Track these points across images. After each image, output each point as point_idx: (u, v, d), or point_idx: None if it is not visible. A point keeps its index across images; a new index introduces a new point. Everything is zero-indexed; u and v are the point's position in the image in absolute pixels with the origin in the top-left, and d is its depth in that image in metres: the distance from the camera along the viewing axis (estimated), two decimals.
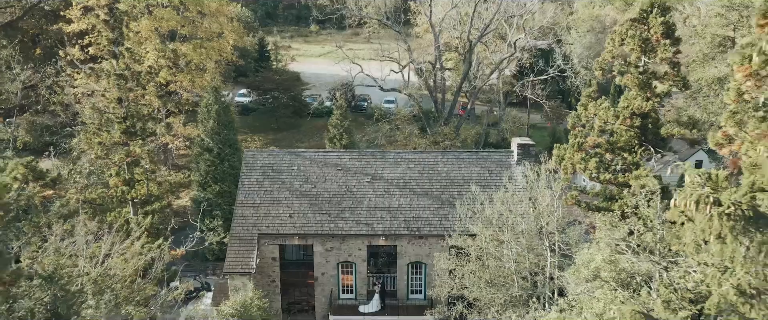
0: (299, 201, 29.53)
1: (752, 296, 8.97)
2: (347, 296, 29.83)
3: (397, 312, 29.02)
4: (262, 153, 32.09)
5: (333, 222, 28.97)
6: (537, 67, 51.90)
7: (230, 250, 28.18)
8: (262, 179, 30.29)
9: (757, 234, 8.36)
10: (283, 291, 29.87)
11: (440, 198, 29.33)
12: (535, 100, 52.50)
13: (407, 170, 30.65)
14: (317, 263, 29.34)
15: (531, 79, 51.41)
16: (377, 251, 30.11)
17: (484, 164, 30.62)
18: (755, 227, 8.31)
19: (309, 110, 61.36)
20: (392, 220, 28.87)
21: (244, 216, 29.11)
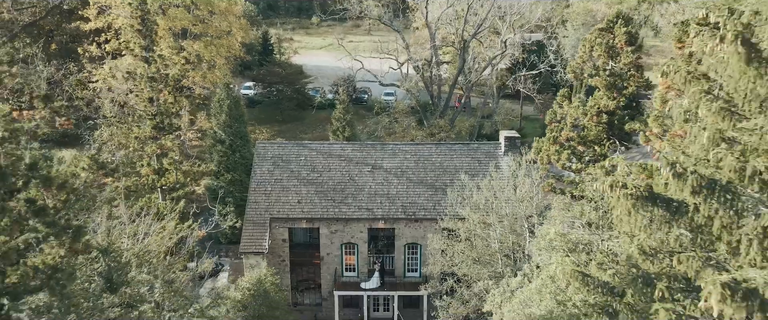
0: (306, 189, 32.66)
1: (650, 255, 12.08)
2: (350, 274, 33.05)
3: (395, 288, 32.25)
4: (272, 144, 35.22)
5: (337, 208, 32.12)
6: (529, 61, 54.73)
7: (245, 232, 31.35)
8: (272, 168, 33.39)
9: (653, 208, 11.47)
10: (293, 270, 33.10)
11: (434, 186, 32.44)
12: (527, 93, 55.41)
13: (404, 160, 33.75)
14: (323, 244, 32.54)
15: (523, 73, 54.26)
16: (377, 233, 33.26)
17: (474, 155, 33.72)
18: (651, 204, 11.42)
19: (313, 103, 64.21)
20: (390, 206, 32.02)
21: (257, 202, 32.25)
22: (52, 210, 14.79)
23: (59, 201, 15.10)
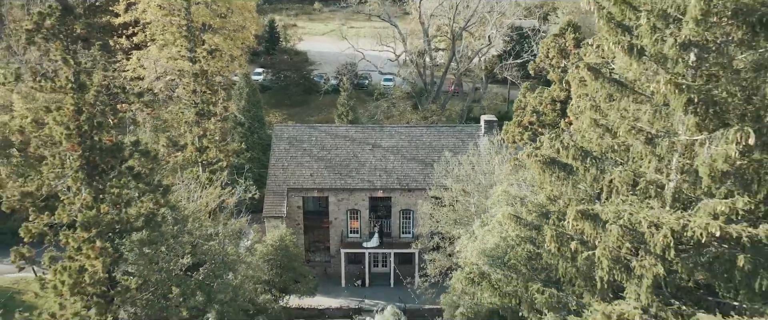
0: (317, 164, 38.93)
1: (553, 200, 18.28)
2: (354, 235, 39.47)
3: (392, 246, 38.69)
4: (287, 127, 41.44)
5: (343, 180, 38.42)
6: (514, 51, 60.59)
7: (266, 200, 37.68)
8: (288, 147, 39.62)
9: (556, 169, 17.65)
10: (306, 232, 39.49)
11: (424, 161, 38.66)
12: (512, 80, 61.34)
13: (399, 140, 39.97)
14: (331, 210, 38.89)
15: (509, 61, 60.15)
16: (376, 201, 39.51)
17: (458, 135, 39.91)
18: (553, 166, 17.59)
19: (318, 89, 69.97)
20: (388, 178, 38.32)
21: (276, 175, 38.54)
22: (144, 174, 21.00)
23: (147, 168, 21.30)
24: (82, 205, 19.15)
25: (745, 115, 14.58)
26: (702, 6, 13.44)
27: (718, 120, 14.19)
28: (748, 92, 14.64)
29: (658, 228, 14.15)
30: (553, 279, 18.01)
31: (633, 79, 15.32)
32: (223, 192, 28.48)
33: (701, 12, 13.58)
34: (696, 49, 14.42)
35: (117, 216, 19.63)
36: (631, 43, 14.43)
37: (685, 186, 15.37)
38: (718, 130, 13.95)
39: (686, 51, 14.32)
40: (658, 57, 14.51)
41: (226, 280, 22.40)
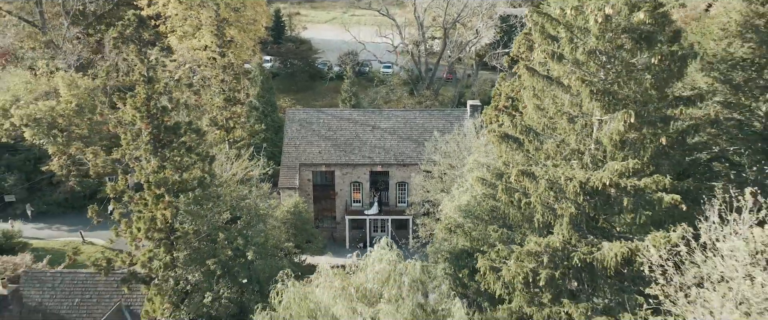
0: (325, 143, 44.99)
1: (507, 165, 24.39)
2: (356, 204, 45.67)
3: (389, 214, 44.89)
4: (298, 111, 47.45)
5: (347, 156, 44.51)
6: (503, 41, 66.28)
7: (281, 174, 43.81)
8: (299, 128, 45.66)
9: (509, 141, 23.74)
10: (315, 202, 45.67)
11: (417, 141, 44.67)
12: (500, 68, 67.09)
13: (396, 122, 45.99)
14: (337, 183, 45.05)
15: (498, 51, 65.86)
16: (376, 175, 45.64)
17: (446, 118, 45.90)
18: (507, 139, 23.66)
19: (323, 75, 75.74)
20: (386, 155, 44.41)
21: (289, 153, 44.64)
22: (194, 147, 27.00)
23: (196, 143, 27.32)
24: (152, 170, 25.22)
25: (635, 101, 20.62)
26: (599, 26, 19.44)
27: (614, 105, 20.23)
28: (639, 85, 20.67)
29: (571, 181, 20.26)
30: (507, 224, 24.18)
31: (558, 76, 21.32)
32: (250, 164, 34.54)
33: (599, 30, 19.58)
34: (603, 56, 20.43)
35: (177, 179, 25.69)
36: (553, 50, 20.45)
37: (597, 153, 21.46)
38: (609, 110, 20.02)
39: (593, 56, 20.34)
40: (573, 60, 20.52)
41: (259, 228, 28.56)
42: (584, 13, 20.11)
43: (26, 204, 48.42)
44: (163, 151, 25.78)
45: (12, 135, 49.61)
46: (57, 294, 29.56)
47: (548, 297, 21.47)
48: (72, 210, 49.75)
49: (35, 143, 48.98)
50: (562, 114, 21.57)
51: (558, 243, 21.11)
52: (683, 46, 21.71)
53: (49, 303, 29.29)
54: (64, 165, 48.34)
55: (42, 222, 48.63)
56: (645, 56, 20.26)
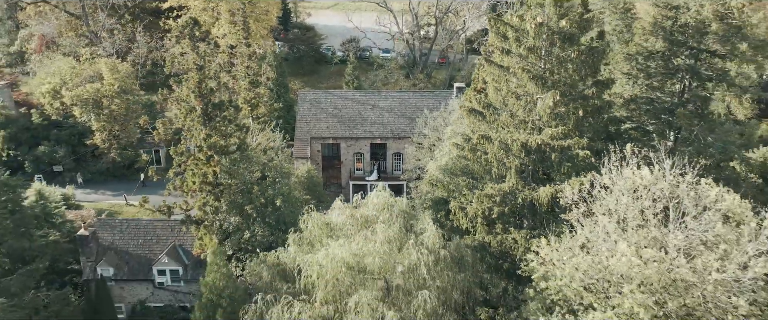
0: (331, 119, 52.64)
1: (473, 132, 32.04)
2: (359, 172, 53.49)
3: (387, 179, 52.66)
4: (309, 92, 55.06)
5: (350, 131, 52.17)
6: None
7: (295, 146, 51.52)
8: (310, 107, 53.28)
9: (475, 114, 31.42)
10: (324, 169, 53.45)
11: (411, 117, 52.28)
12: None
13: (393, 102, 53.57)
14: (342, 154, 52.78)
15: (486, 37, 73.12)
16: (375, 147, 53.35)
17: (436, 98, 53.50)
18: (473, 112, 31.32)
19: (328, 60, 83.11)
20: (383, 129, 52.08)
21: (302, 128, 52.31)
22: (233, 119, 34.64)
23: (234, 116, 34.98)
24: (202, 137, 32.91)
25: (564, 84, 28.26)
26: (534, 30, 27.04)
27: (546, 87, 27.88)
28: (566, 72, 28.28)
29: (515, 142, 28.00)
30: (473, 176, 31.96)
31: (508, 65, 28.95)
32: (272, 136, 42.25)
33: (534, 32, 27.19)
34: (540, 50, 28.05)
35: (222, 143, 33.39)
36: (504, 47, 28.08)
37: (537, 122, 29.17)
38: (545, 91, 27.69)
39: (532, 51, 27.94)
40: (518, 54, 28.15)
41: (284, 183, 36.35)
42: (524, 20, 27.70)
43: (76, 173, 56.22)
44: (211, 122, 33.47)
45: (61, 113, 57.38)
46: (124, 236, 37.48)
47: (500, 227, 29.37)
48: (113, 178, 57.65)
49: (81, 120, 56.74)
50: (512, 93, 29.24)
51: (507, 188, 28.92)
52: (601, 43, 29.28)
53: (119, 243, 37.20)
54: (105, 139, 56.20)
55: (89, 189, 56.50)
56: (569, 51, 27.88)
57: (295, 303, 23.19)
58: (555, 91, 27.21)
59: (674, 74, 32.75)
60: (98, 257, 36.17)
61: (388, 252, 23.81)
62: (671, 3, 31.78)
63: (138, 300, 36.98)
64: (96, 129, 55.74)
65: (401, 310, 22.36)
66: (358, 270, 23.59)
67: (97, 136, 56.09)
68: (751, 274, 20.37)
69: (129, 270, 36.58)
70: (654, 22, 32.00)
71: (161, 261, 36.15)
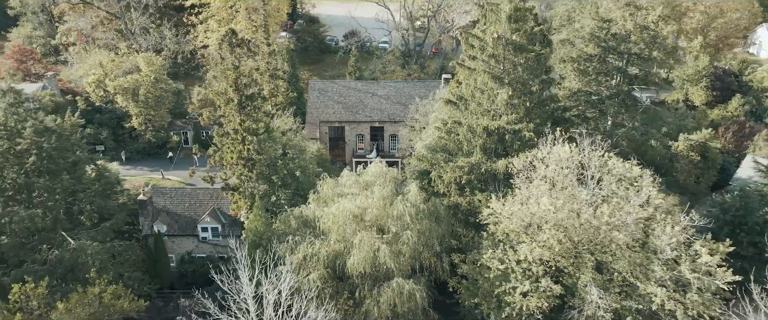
0: (337, 106, 61.67)
1: (449, 117, 41.07)
2: (360, 151, 62.66)
3: (384, 157, 61.82)
4: (318, 82, 64.04)
5: (353, 116, 61.24)
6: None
7: (306, 128, 60.60)
8: (319, 95, 62.27)
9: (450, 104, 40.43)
10: (331, 149, 62.60)
11: (405, 104, 61.26)
12: None
13: (389, 91, 62.53)
14: (346, 135, 61.90)
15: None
16: (375, 129, 62.42)
17: (427, 88, 62.42)
18: (449, 103, 40.33)
19: (332, 50, 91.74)
20: (381, 114, 61.16)
21: (312, 113, 61.38)
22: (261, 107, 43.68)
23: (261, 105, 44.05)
24: (238, 122, 41.93)
25: (517, 82, 37.26)
26: (494, 42, 35.99)
27: (503, 84, 36.89)
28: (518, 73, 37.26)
29: (479, 126, 37.08)
30: (449, 152, 41.11)
31: (474, 67, 37.92)
32: (288, 120, 51.28)
33: (493, 43, 36.15)
34: (499, 57, 37.02)
35: (254, 127, 42.42)
36: (470, 54, 37.08)
37: (497, 110, 38.24)
38: (503, 88, 36.72)
39: (492, 57, 36.91)
40: (482, 59, 37.12)
41: (302, 158, 45.49)
42: (486, 33, 36.67)
43: (121, 152, 65.41)
44: (244, 110, 42.51)
45: (103, 100, 66.39)
46: (173, 200, 46.73)
47: (468, 191, 38.60)
48: (148, 156, 66.83)
49: (120, 106, 65.77)
50: (478, 89, 38.29)
51: (474, 161, 38.10)
52: (547, 50, 38.19)
53: (169, 206, 46.46)
54: (142, 123, 65.28)
55: (128, 166, 65.70)
56: (520, 58, 36.88)
57: (316, 242, 32.53)
58: (509, 88, 36.34)
59: (608, 73, 41.74)
60: (154, 217, 45.42)
61: (382, 206, 33.06)
62: (605, 17, 40.67)
63: (185, 251, 46.35)
64: (133, 114, 64.74)
65: (391, 245, 31.67)
66: (361, 219, 32.88)
67: (135, 119, 65.13)
68: (631, 219, 29.64)
69: (178, 227, 45.90)
70: (591, 32, 40.92)
71: (204, 220, 45.47)
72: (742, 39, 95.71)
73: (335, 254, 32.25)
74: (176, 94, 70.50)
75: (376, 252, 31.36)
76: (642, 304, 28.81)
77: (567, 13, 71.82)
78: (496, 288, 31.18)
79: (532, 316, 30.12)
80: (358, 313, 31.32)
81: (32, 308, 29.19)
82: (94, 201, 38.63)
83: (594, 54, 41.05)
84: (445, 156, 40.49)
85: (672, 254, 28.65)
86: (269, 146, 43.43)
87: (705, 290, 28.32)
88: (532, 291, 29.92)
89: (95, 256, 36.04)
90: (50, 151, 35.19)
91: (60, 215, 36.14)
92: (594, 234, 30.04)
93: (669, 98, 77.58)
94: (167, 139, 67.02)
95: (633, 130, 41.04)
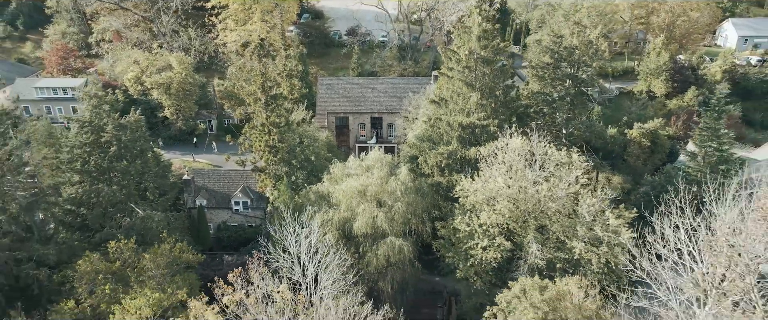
0: (342, 99, 72.10)
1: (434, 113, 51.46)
2: (362, 137, 73.23)
3: (382, 143, 72.46)
4: (325, 78, 74.47)
5: (356, 108, 71.68)
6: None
7: (316, 118, 71.08)
8: (326, 90, 72.64)
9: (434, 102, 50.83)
10: (337, 136, 73.14)
11: (400, 97, 71.63)
12: None
13: (387, 86, 72.90)
14: (350, 124, 72.41)
15: None
16: (375, 119, 72.87)
17: (419, 83, 72.73)
18: (434, 101, 50.73)
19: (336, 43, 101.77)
20: (380, 106, 71.63)
21: (320, 105, 71.82)
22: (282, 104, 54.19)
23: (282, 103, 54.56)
24: (264, 117, 52.36)
25: (486, 87, 47.65)
26: (466, 56, 46.32)
27: (474, 89, 47.30)
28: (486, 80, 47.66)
29: (455, 122, 47.56)
30: (433, 141, 51.66)
31: (452, 76, 48.27)
32: (302, 112, 61.67)
33: (466, 56, 46.48)
34: (472, 67, 47.38)
35: (277, 121, 52.87)
36: (448, 65, 47.46)
37: (470, 109, 48.70)
38: (474, 92, 47.14)
39: (466, 68, 47.25)
40: (458, 69, 47.47)
41: (315, 145, 56.07)
42: (460, 49, 46.99)
43: (157, 138, 76.03)
44: (269, 107, 52.96)
45: (139, 93, 76.77)
46: (211, 180, 57.42)
47: (447, 172, 49.23)
48: (180, 142, 77.43)
49: (154, 98, 76.17)
50: (455, 92, 48.69)
51: (451, 149, 48.66)
52: (509, 62, 48.50)
53: (207, 184, 57.17)
54: (173, 113, 75.74)
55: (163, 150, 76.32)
56: (487, 69, 47.23)
57: (330, 210, 43.28)
58: (479, 92, 46.79)
59: (561, 78, 52.06)
60: (196, 193, 56.19)
61: (380, 184, 43.73)
62: (557, 33, 50.86)
63: (221, 220, 57.17)
64: (166, 105, 75.19)
65: (386, 213, 42.40)
66: (363, 194, 43.57)
67: (167, 110, 75.60)
68: (563, 193, 40.31)
69: (215, 201, 56.67)
70: (546, 46, 51.16)
71: (236, 196, 56.22)
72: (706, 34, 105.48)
73: (344, 220, 43.01)
74: (201, 88, 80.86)
75: (375, 218, 42.10)
76: (568, 255, 39.63)
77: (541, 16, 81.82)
78: (464, 244, 42.02)
79: (489, 265, 41.00)
80: (362, 262, 42.21)
81: (125, 258, 40.00)
82: (155, 181, 49.35)
83: (549, 63, 51.29)
84: (430, 144, 51.03)
85: (590, 218, 39.37)
86: (289, 136, 54.00)
87: (614, 244, 39.07)
88: (489, 246, 40.74)
89: (159, 223, 46.82)
90: (126, 142, 45.81)
91: (131, 191, 46.86)
92: (536, 205, 40.73)
93: (635, 89, 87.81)
94: (195, 126, 77.57)
95: (580, 124, 51.45)
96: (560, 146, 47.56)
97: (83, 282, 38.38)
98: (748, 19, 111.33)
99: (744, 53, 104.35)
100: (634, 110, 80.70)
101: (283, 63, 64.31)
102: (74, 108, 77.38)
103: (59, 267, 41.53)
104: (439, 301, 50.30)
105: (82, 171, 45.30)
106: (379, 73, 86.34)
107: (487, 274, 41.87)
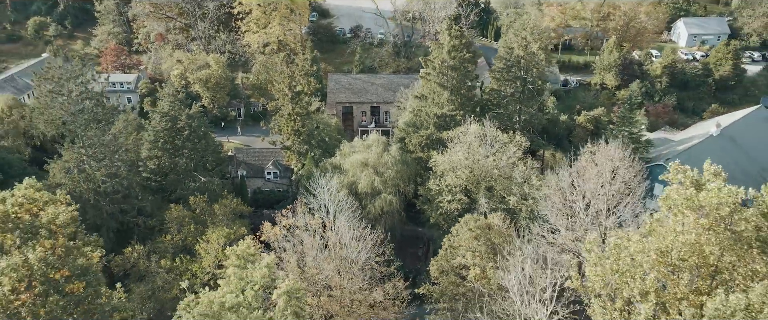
0: (347, 91, 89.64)
1: (417, 106, 68.88)
2: (363, 123, 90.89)
3: (380, 127, 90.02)
4: (334, 75, 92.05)
5: (359, 99, 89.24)
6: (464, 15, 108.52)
7: (327, 107, 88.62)
8: (335, 84, 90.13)
9: (419, 98, 68.35)
10: (343, 121, 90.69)
11: (395, 90, 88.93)
12: None
13: (384, 81, 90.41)
14: (354, 112, 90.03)
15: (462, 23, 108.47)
16: (374, 108, 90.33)
17: (409, 79, 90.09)
18: (418, 97, 68.19)
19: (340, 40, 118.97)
20: (378, 98, 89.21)
21: (330, 96, 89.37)
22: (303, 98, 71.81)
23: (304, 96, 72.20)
24: (290, 109, 69.80)
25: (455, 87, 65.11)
26: (439, 64, 63.76)
27: (445, 88, 64.80)
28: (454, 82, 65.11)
29: (431, 112, 65.12)
30: (416, 127, 69.25)
31: (430, 78, 65.69)
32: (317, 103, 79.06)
33: (439, 65, 63.90)
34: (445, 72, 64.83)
35: (300, 112, 70.31)
36: (427, 71, 64.97)
37: (443, 103, 66.25)
38: (445, 91, 64.64)
39: (441, 73, 64.69)
40: (434, 74, 64.91)
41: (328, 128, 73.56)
42: (435, 58, 64.39)
43: None
44: (294, 101, 70.43)
45: (182, 86, 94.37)
46: (249, 155, 75.16)
47: (426, 149, 66.88)
48: (216, 126, 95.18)
49: (194, 90, 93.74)
50: (432, 90, 66.18)
51: (429, 132, 66.28)
52: (473, 66, 65.75)
53: (246, 158, 74.93)
54: (210, 102, 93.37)
55: None
56: (454, 73, 64.65)
57: (341, 176, 61.09)
58: (449, 91, 64.39)
59: (512, 79, 69.40)
60: (237, 166, 73.94)
61: (377, 157, 61.47)
62: (509, 45, 68.06)
63: (257, 187, 75.05)
64: (204, 96, 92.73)
65: (381, 177, 60.19)
66: (365, 164, 61.32)
67: (204, 100, 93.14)
68: (504, 163, 58.11)
69: (252, 172, 74.49)
70: (500, 55, 68.49)
71: (268, 168, 74.02)
72: (661, 33, 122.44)
73: (351, 182, 60.83)
74: (232, 81, 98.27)
75: (373, 181, 59.90)
76: (506, 205, 57.49)
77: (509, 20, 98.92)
78: (435, 199, 59.89)
79: (452, 213, 58.93)
80: (364, 211, 60.13)
81: (202, 208, 57.95)
82: (213, 156, 67.22)
83: (503, 67, 68.60)
84: (414, 129, 68.65)
85: (521, 181, 57.13)
86: (309, 122, 71.69)
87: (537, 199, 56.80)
88: (452, 200, 58.57)
89: (218, 186, 64.70)
90: (195, 128, 63.53)
91: (197, 164, 64.73)
92: (486, 172, 58.48)
93: (592, 81, 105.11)
94: (226, 114, 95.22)
95: (527, 113, 68.81)
96: (511, 131, 65.18)
97: (174, 223, 56.39)
98: (697, 19, 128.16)
99: (692, 49, 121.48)
100: (587, 100, 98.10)
101: (301, 65, 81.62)
102: (129, 98, 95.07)
103: (152, 216, 59.58)
104: (420, 243, 68.41)
105: (162, 149, 63.08)
106: (378, 68, 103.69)
107: (451, 220, 59.80)
